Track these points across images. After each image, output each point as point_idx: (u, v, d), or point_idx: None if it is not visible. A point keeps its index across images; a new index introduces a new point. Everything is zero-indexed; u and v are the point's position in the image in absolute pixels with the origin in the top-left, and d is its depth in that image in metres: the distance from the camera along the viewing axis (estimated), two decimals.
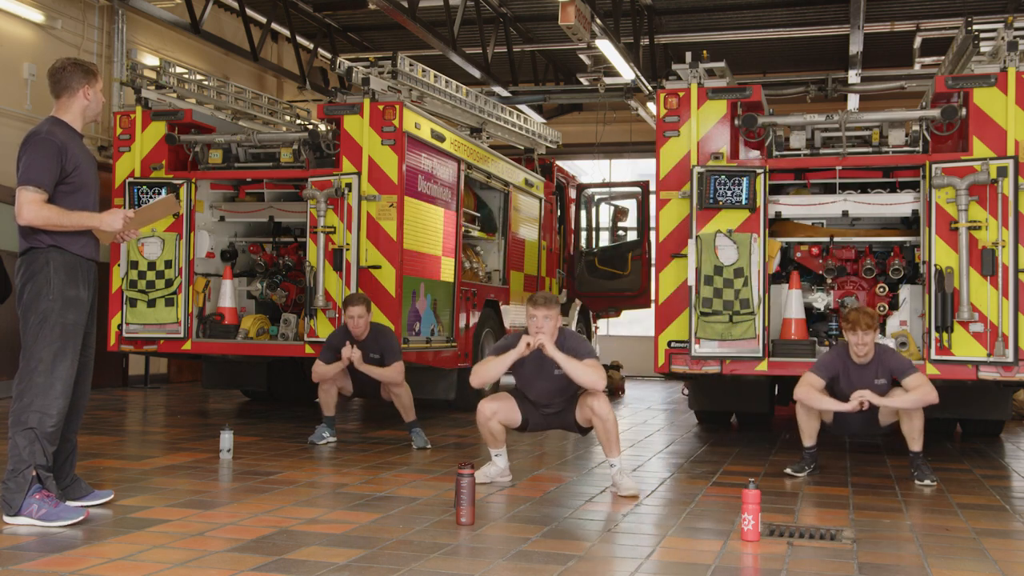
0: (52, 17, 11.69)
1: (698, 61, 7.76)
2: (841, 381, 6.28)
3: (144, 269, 8.62)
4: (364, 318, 7.34)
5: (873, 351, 6.23)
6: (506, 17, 14.17)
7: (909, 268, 7.71)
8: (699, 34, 14.49)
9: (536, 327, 5.66)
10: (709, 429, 9.00)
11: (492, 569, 3.91)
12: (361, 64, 8.95)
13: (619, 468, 5.67)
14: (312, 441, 7.44)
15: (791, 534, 4.62)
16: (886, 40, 14.46)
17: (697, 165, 7.53)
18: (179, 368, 13.42)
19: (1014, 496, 5.93)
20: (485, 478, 5.80)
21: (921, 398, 6.07)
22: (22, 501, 4.52)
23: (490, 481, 5.83)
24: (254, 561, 3.95)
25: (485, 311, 10.37)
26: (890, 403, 6.13)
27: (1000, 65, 7.12)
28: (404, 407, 7.45)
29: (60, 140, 4.66)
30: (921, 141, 7.50)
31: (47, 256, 4.67)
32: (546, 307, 5.68)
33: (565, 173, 14.17)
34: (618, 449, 5.69)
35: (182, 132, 8.97)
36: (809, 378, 6.31)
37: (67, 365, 4.68)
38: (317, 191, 8.18)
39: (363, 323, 7.35)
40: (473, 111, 10.78)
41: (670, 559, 4.18)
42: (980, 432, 8.66)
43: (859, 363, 6.24)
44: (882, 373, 6.22)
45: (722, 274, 7.34)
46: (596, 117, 17.13)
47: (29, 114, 11.17)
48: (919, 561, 4.21)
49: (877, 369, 6.22)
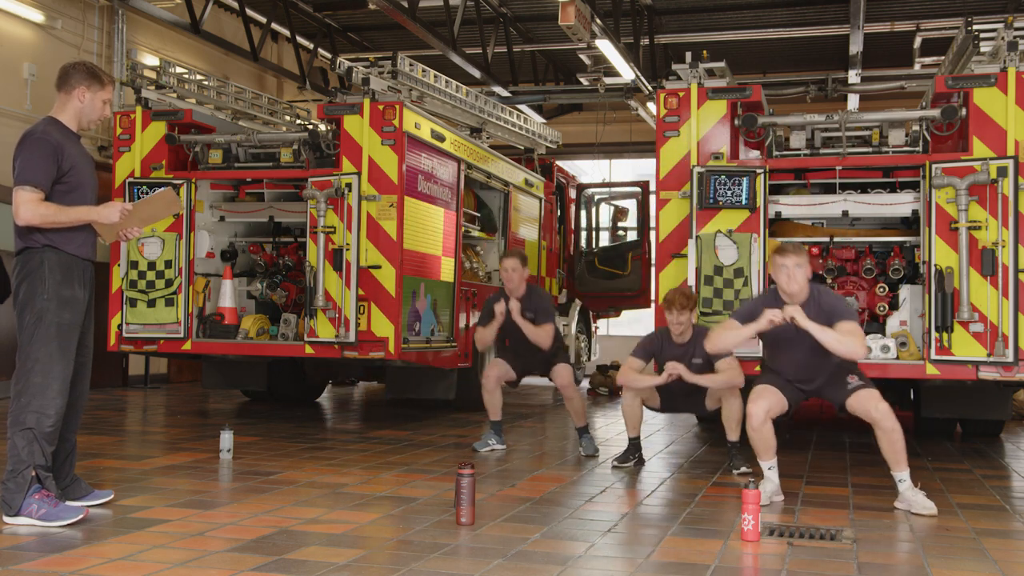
0: (52, 17, 11.69)
1: (698, 61, 7.76)
2: (659, 360, 6.51)
3: (144, 269, 8.62)
4: (519, 272, 7.29)
5: (691, 331, 6.46)
6: (506, 17, 14.17)
7: (909, 268, 7.71)
8: (699, 34, 14.49)
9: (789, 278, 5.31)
10: (709, 429, 8.99)
11: (492, 569, 3.91)
12: (361, 64, 8.95)
13: (908, 484, 5.28)
14: (475, 448, 7.30)
15: (791, 534, 4.62)
16: (886, 40, 14.47)
17: (697, 165, 7.53)
18: (179, 368, 13.42)
19: (1014, 496, 5.93)
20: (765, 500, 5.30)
21: (727, 380, 6.29)
22: (22, 501, 4.52)
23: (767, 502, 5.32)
24: (254, 561, 3.95)
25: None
26: (697, 380, 6.29)
27: (1000, 65, 7.12)
28: (575, 411, 7.35)
29: (56, 139, 4.66)
30: (921, 141, 7.49)
31: (42, 256, 4.66)
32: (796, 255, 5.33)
33: (565, 173, 14.17)
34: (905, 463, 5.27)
35: (182, 132, 8.96)
36: (628, 361, 6.57)
37: (63, 365, 4.68)
38: (317, 191, 8.18)
39: (517, 276, 7.29)
40: (473, 111, 10.78)
41: (670, 559, 4.18)
42: (980, 432, 8.66)
43: (677, 342, 6.46)
44: (699, 353, 6.37)
45: (722, 274, 7.34)
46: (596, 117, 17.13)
47: (29, 114, 11.17)
48: (919, 561, 4.21)
49: (694, 349, 6.41)
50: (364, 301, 8.19)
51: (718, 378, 6.32)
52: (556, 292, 13.17)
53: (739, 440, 6.47)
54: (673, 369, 6.30)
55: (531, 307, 7.32)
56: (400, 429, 8.58)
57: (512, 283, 7.31)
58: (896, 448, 5.28)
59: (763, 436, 5.50)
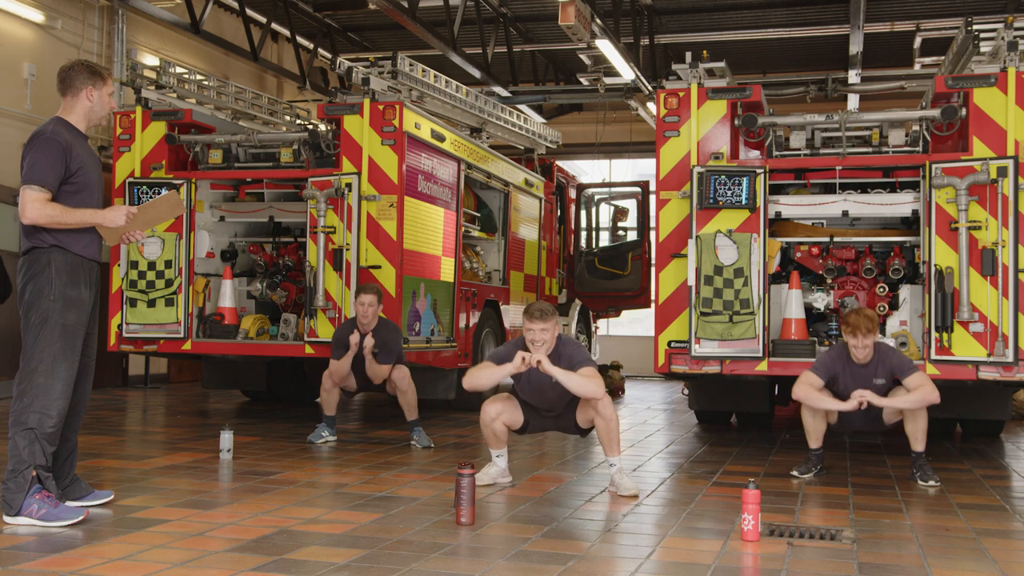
0: (52, 17, 11.69)
1: (698, 61, 7.76)
2: (840, 381, 6.27)
3: (144, 269, 8.62)
4: (374, 307, 7.35)
5: (873, 351, 6.21)
6: (506, 17, 14.17)
7: (909, 268, 7.71)
8: (699, 34, 14.49)
9: (533, 340, 5.56)
10: (709, 429, 9.00)
11: (492, 569, 3.91)
12: (361, 64, 8.95)
13: (619, 468, 5.68)
14: (311, 440, 7.45)
15: (791, 534, 4.62)
16: (886, 40, 14.46)
17: (697, 165, 7.53)
18: (179, 368, 13.42)
19: (1014, 496, 5.93)
20: (487, 479, 5.79)
21: (922, 398, 6.05)
22: (22, 501, 4.52)
23: (492, 482, 5.81)
24: (254, 561, 3.95)
25: (485, 311, 10.37)
26: (890, 403, 6.11)
27: (1000, 65, 7.12)
28: (408, 404, 7.47)
29: (65, 140, 4.67)
30: (921, 141, 7.50)
31: (49, 256, 4.67)
32: (543, 320, 5.53)
33: (565, 173, 14.17)
34: (618, 449, 5.69)
35: (182, 132, 8.97)
36: (808, 377, 6.28)
37: (68, 366, 4.68)
38: (317, 191, 8.18)
39: (372, 312, 7.35)
40: (473, 111, 10.78)
41: (670, 559, 4.18)
42: (980, 432, 8.66)
43: (858, 363, 6.23)
44: (882, 373, 6.21)
45: (722, 274, 7.34)
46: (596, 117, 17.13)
47: (29, 114, 11.17)
48: (919, 561, 4.21)
49: (877, 368, 6.21)
50: None
51: (911, 398, 6.09)
52: (556, 292, 13.17)
53: (924, 451, 6.26)
54: (862, 397, 6.06)
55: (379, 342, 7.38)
56: (400, 429, 8.58)
57: (366, 317, 7.35)
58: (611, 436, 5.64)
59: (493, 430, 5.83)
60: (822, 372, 6.29)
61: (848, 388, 6.20)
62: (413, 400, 7.51)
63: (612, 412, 5.64)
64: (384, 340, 7.42)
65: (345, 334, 7.46)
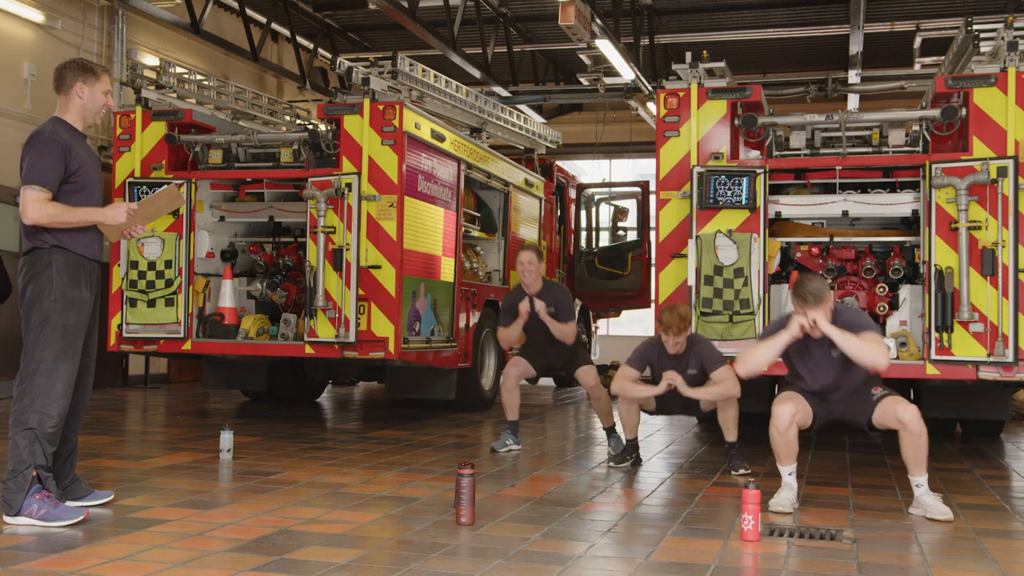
0: (52, 17, 11.69)
1: (698, 61, 7.75)
2: (656, 369, 6.53)
3: (144, 269, 8.62)
4: (535, 264, 7.29)
5: (686, 344, 6.44)
6: (506, 17, 14.17)
7: (909, 268, 7.71)
8: (699, 34, 14.49)
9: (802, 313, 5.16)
10: (709, 429, 8.99)
11: (492, 569, 3.91)
12: (361, 64, 8.94)
13: (926, 489, 5.18)
14: (493, 448, 7.28)
15: (791, 534, 4.62)
16: (886, 40, 14.47)
17: (697, 165, 7.52)
18: (179, 368, 13.42)
19: (1014, 496, 5.93)
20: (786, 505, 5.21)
21: (724, 392, 6.31)
22: (22, 501, 4.52)
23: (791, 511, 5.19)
24: (254, 561, 3.95)
25: (485, 311, 10.37)
26: (693, 394, 6.35)
27: (1000, 65, 7.12)
28: (602, 411, 7.32)
29: (64, 139, 4.67)
30: (921, 141, 7.49)
31: (50, 256, 4.67)
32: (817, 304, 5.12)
33: (565, 173, 14.17)
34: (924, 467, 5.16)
35: (182, 132, 8.96)
36: (624, 371, 6.57)
37: (68, 366, 4.69)
38: (317, 191, 8.18)
39: (534, 270, 7.28)
40: (473, 111, 10.78)
41: (670, 559, 4.18)
42: (980, 432, 8.66)
43: (672, 353, 6.46)
44: (694, 363, 6.44)
45: (722, 274, 7.34)
46: (596, 117, 17.15)
47: (29, 114, 11.17)
48: (919, 561, 4.21)
49: (689, 359, 6.45)
50: (364, 301, 8.19)
51: (715, 390, 6.34)
52: None
53: (737, 441, 6.52)
54: (671, 379, 6.34)
55: (552, 303, 7.32)
56: (400, 429, 8.58)
57: (529, 277, 7.29)
58: (919, 453, 5.16)
59: (787, 440, 5.32)
60: (636, 363, 6.56)
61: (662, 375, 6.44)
62: (607, 407, 7.26)
63: (921, 426, 5.08)
64: (556, 299, 7.32)
65: (514, 301, 7.38)
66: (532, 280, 7.29)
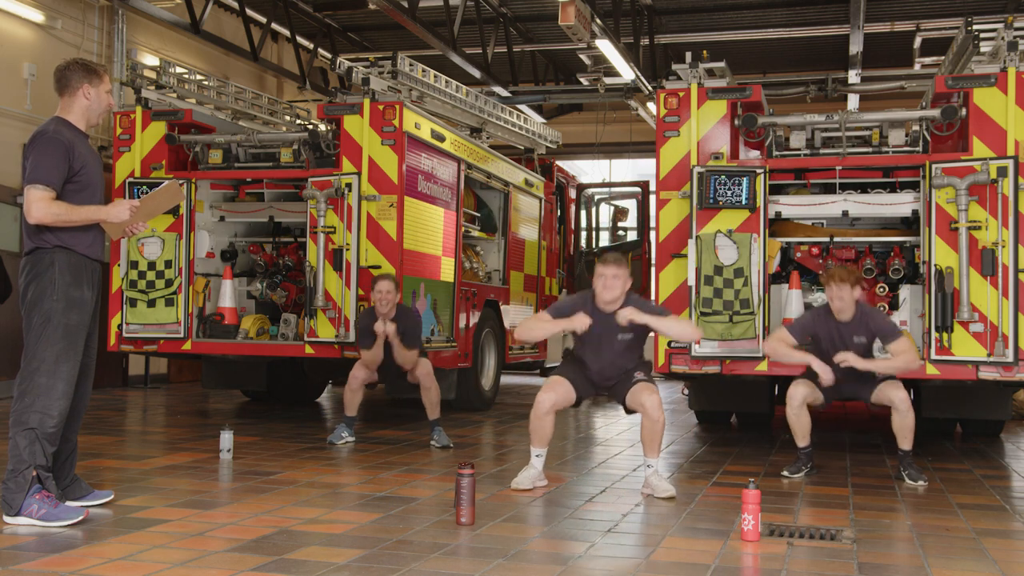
0: (52, 17, 11.68)
1: (698, 61, 7.75)
2: (823, 341, 6.34)
3: (144, 269, 8.62)
4: (392, 294, 7.41)
5: (855, 309, 6.26)
6: (506, 17, 14.17)
7: (909, 268, 7.71)
8: (699, 34, 14.49)
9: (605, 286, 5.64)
10: (709, 429, 9.00)
11: (492, 569, 3.91)
12: (361, 64, 8.95)
13: (656, 470, 5.65)
14: (331, 441, 7.41)
15: (791, 534, 4.62)
16: (886, 40, 14.46)
17: (697, 165, 7.52)
18: (179, 368, 13.42)
19: (1014, 496, 5.93)
20: (526, 482, 5.67)
21: (905, 364, 6.22)
22: (22, 501, 4.52)
23: (531, 486, 5.67)
24: (254, 561, 3.95)
25: (485, 311, 10.37)
26: (870, 366, 6.22)
27: (1000, 65, 7.12)
28: (430, 402, 7.51)
29: (67, 139, 4.68)
30: (921, 141, 7.50)
31: (52, 256, 4.67)
32: (616, 265, 5.64)
33: (565, 173, 14.17)
34: (659, 451, 5.65)
35: (182, 132, 8.96)
36: (780, 333, 6.43)
37: (70, 366, 4.69)
38: (317, 191, 8.18)
39: (390, 300, 7.40)
40: (473, 111, 10.78)
41: (670, 559, 4.18)
42: (980, 432, 8.66)
43: (840, 320, 6.26)
44: (863, 332, 6.29)
45: (722, 274, 7.34)
46: (596, 117, 17.14)
47: (29, 114, 11.17)
48: (919, 561, 4.21)
49: (858, 327, 6.29)
50: (364, 301, 8.19)
51: (894, 362, 6.23)
52: (556, 292, 13.17)
53: (911, 449, 6.28)
54: (844, 359, 6.12)
55: (401, 328, 7.44)
56: (400, 429, 8.59)
57: (386, 307, 7.39)
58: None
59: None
60: (797, 331, 6.41)
61: (831, 347, 6.28)
62: (436, 398, 7.54)
63: (661, 413, 5.60)
64: (405, 326, 7.47)
65: (368, 323, 7.48)
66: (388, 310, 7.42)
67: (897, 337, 6.25)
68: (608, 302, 5.70)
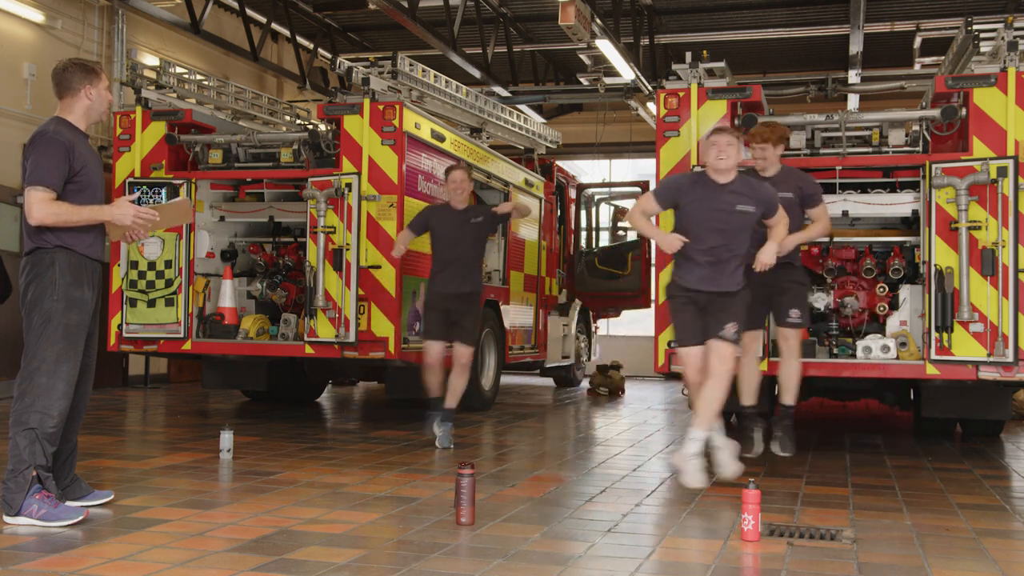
0: (52, 17, 11.69)
1: (698, 61, 7.75)
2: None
3: (144, 269, 8.62)
4: (467, 183, 7.54)
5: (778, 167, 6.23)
6: (506, 17, 14.17)
7: (909, 268, 7.71)
8: (699, 34, 14.49)
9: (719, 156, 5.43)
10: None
11: (492, 569, 3.91)
12: (361, 64, 8.95)
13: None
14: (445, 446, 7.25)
15: (791, 534, 4.62)
16: (886, 40, 14.46)
17: (697, 165, 7.52)
18: (179, 368, 13.42)
19: (1014, 496, 5.93)
20: None
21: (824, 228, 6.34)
22: (22, 501, 4.52)
23: None
24: (254, 561, 3.95)
25: (485, 311, 10.36)
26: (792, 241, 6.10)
27: (1000, 65, 7.11)
28: (455, 391, 7.40)
29: (67, 139, 4.68)
30: (921, 141, 7.50)
31: (53, 256, 4.67)
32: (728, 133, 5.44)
33: (565, 173, 14.17)
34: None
35: (182, 132, 8.97)
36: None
37: (70, 366, 4.69)
38: (317, 191, 8.18)
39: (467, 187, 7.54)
40: (473, 111, 10.78)
41: (670, 559, 4.18)
42: (980, 432, 8.66)
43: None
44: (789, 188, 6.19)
45: None
46: (596, 117, 17.15)
47: (29, 114, 11.17)
48: (919, 561, 4.21)
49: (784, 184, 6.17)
50: (364, 301, 8.19)
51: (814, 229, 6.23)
52: (556, 292, 13.17)
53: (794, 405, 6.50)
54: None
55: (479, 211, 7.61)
56: (400, 429, 8.59)
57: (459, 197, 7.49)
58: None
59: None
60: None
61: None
62: (462, 388, 7.43)
63: None
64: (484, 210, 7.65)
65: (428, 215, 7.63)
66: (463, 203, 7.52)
67: (820, 203, 6.43)
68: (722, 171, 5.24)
